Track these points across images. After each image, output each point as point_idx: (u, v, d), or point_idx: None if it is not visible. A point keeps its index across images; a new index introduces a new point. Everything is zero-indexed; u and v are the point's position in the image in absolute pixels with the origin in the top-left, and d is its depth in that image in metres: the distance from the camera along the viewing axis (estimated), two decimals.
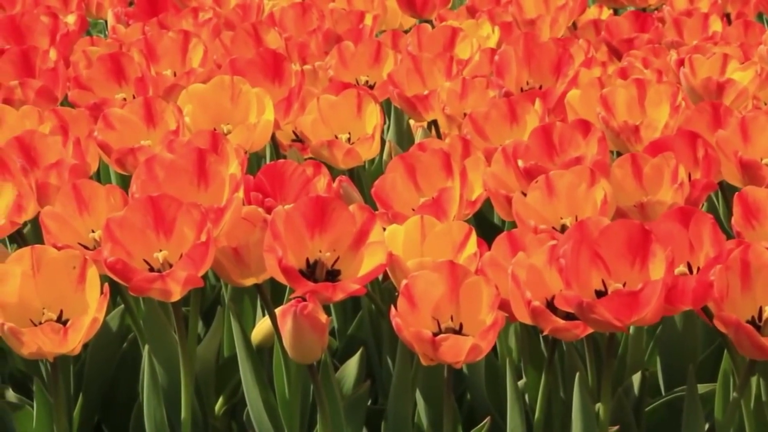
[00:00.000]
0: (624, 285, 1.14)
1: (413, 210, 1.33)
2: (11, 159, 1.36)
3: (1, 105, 1.55)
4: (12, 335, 1.14)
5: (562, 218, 1.30)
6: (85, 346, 1.45)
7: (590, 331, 1.17)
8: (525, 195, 1.31)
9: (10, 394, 1.41)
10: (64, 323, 1.16)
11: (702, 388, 1.31)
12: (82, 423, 1.45)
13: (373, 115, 1.53)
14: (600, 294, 1.14)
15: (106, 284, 1.17)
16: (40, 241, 1.26)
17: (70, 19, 2.04)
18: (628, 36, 1.98)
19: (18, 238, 1.38)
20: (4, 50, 1.77)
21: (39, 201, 1.35)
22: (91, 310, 1.17)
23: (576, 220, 1.28)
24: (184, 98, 1.51)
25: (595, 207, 1.29)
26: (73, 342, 1.15)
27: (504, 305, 1.17)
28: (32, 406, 1.35)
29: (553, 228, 1.28)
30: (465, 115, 1.56)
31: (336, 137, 1.53)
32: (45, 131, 1.44)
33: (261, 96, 1.50)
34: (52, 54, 1.73)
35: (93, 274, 1.18)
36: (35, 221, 1.38)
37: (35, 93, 1.67)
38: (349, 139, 1.53)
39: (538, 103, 1.53)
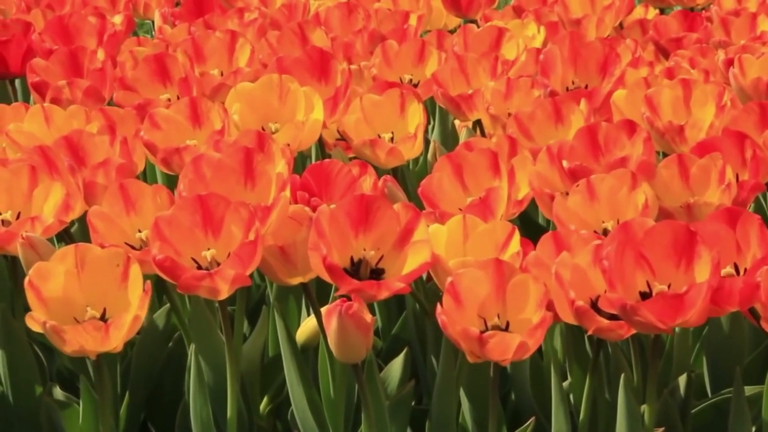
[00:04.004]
0: (669, 286, 1.14)
1: (460, 209, 1.33)
2: (59, 158, 1.37)
3: (49, 105, 1.56)
4: (54, 333, 1.14)
5: (603, 222, 1.29)
6: (132, 344, 1.46)
7: (635, 331, 1.16)
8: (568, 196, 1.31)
9: (58, 392, 1.42)
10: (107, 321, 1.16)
11: (749, 390, 1.30)
12: (128, 421, 1.46)
13: (416, 115, 1.53)
14: (644, 296, 1.14)
15: (148, 282, 1.18)
16: (87, 240, 1.26)
17: (118, 19, 2.05)
18: (676, 35, 1.97)
19: (66, 237, 1.39)
20: (52, 50, 1.78)
21: (86, 200, 1.36)
22: (133, 308, 1.17)
23: (617, 224, 1.27)
24: (233, 97, 1.51)
25: (636, 210, 1.28)
26: (116, 340, 1.16)
27: (548, 305, 1.17)
28: (79, 404, 1.36)
29: (595, 232, 1.27)
30: (509, 114, 1.56)
31: (379, 136, 1.52)
32: (92, 131, 1.45)
33: (309, 95, 1.50)
34: (100, 54, 1.74)
35: (136, 272, 1.18)
36: (82, 220, 1.39)
37: (83, 93, 1.68)
38: (392, 139, 1.53)
39: (583, 103, 1.52)
